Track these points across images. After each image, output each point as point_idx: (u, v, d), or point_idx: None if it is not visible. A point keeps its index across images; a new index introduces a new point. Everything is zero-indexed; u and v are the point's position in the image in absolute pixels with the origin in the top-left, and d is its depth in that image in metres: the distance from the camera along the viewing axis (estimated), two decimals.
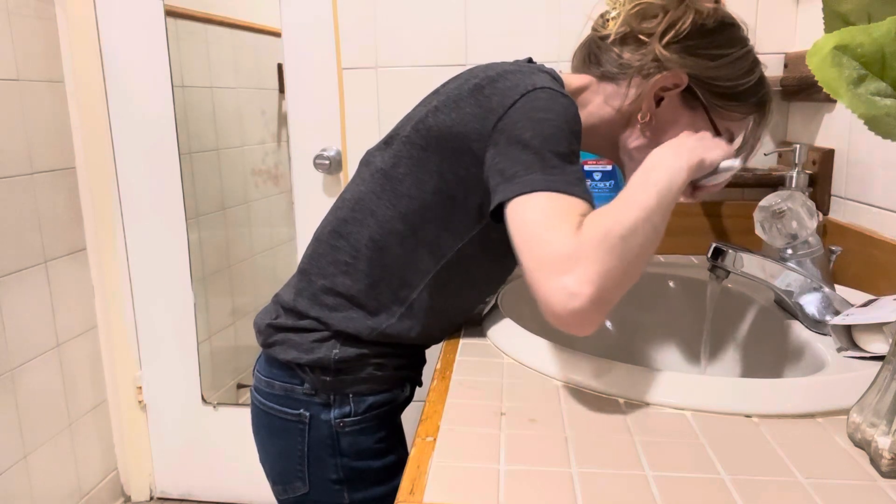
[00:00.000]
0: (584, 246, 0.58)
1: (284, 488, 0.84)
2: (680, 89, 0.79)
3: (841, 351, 0.71)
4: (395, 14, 1.39)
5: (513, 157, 0.66)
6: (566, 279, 0.57)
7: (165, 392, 1.84)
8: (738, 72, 0.79)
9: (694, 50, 0.77)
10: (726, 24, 0.79)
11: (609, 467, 0.52)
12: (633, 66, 0.79)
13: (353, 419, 0.80)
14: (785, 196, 0.85)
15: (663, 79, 0.78)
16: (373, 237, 0.77)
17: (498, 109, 0.69)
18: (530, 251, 0.60)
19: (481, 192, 0.71)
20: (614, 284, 0.58)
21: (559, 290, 0.57)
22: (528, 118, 0.67)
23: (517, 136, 0.67)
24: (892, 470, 0.50)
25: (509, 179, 0.65)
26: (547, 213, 0.61)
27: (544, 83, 0.70)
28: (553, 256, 0.58)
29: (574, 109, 0.70)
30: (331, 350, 0.78)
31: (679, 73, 0.77)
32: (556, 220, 0.60)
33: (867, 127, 0.47)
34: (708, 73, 0.78)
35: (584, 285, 0.56)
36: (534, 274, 0.59)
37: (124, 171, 1.72)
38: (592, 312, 0.57)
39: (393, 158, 0.77)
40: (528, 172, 0.64)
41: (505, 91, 0.70)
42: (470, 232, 0.76)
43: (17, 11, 1.48)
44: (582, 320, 0.57)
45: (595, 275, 0.57)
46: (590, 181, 1.27)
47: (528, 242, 0.61)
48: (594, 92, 0.83)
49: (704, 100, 0.79)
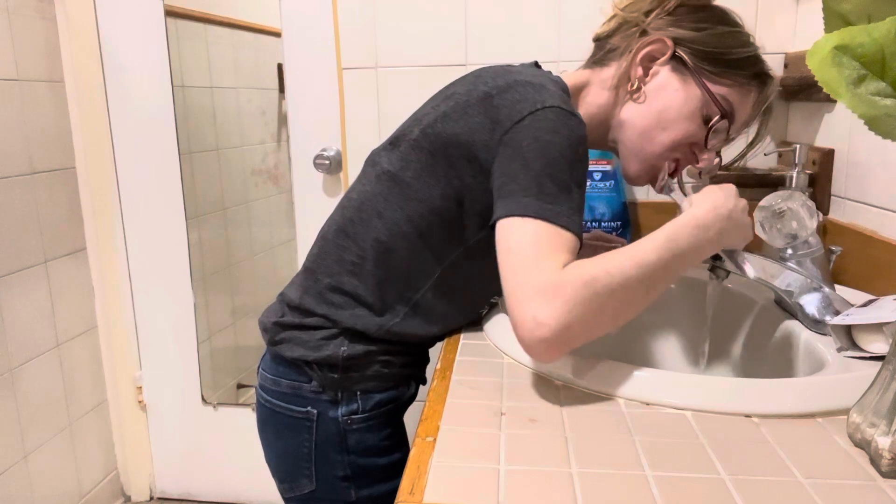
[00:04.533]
0: (565, 285, 0.59)
1: (291, 486, 0.84)
2: (666, 57, 0.79)
3: (841, 351, 0.71)
4: (395, 14, 1.39)
5: (513, 175, 0.67)
6: (538, 309, 0.59)
7: (165, 392, 1.83)
8: (726, 42, 0.79)
9: (679, 22, 0.79)
10: (713, 6, 0.81)
11: (609, 467, 0.52)
12: (622, 45, 0.81)
13: (361, 416, 0.80)
14: (785, 196, 0.85)
15: (646, 45, 0.79)
16: (379, 238, 0.77)
17: (505, 122, 0.69)
18: (513, 275, 0.62)
19: (487, 202, 0.72)
20: (582, 329, 0.60)
21: (529, 318, 0.59)
22: (534, 138, 0.67)
23: (521, 155, 0.67)
24: (892, 470, 0.50)
25: (505, 197, 0.67)
26: (535, 242, 0.63)
27: (554, 101, 0.69)
28: (532, 285, 0.60)
29: (581, 131, 0.70)
30: (339, 347, 0.78)
31: (662, 38, 0.78)
32: (544, 251, 0.62)
33: (867, 127, 0.47)
34: (694, 38, 0.79)
35: (551, 319, 0.58)
36: (510, 298, 0.62)
37: (124, 171, 1.72)
38: (553, 346, 0.59)
39: (401, 161, 0.77)
40: (525, 195, 0.65)
41: (514, 104, 0.70)
42: (475, 236, 0.77)
43: (17, 11, 1.48)
44: (542, 350, 0.60)
45: (566, 314, 0.59)
46: (590, 181, 1.27)
47: (511, 267, 0.63)
48: (591, 83, 0.84)
49: (692, 63, 0.79)
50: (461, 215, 0.76)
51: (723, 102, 0.79)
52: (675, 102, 0.79)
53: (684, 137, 0.81)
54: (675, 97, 0.79)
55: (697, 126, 0.80)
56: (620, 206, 1.27)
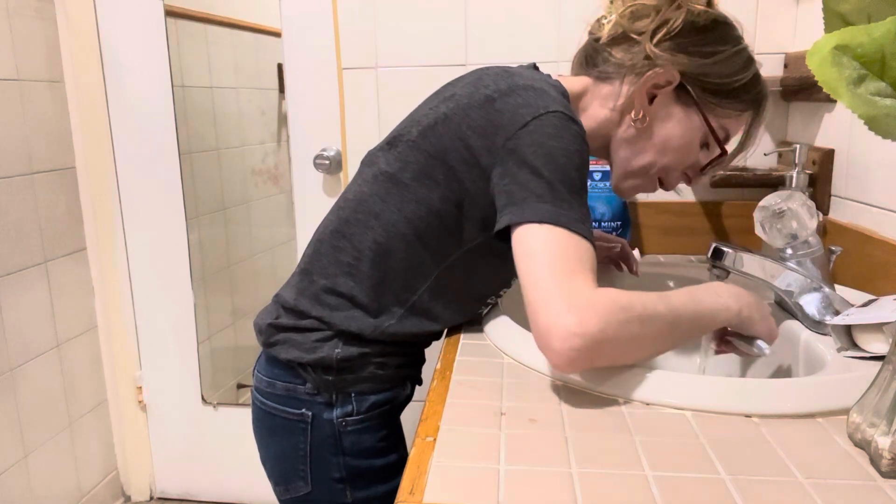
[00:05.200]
0: (603, 304, 0.60)
1: (286, 488, 0.84)
2: (672, 86, 0.79)
3: (841, 351, 0.71)
4: (395, 14, 1.39)
5: (522, 181, 0.67)
6: (572, 321, 0.59)
7: (165, 392, 1.83)
8: (732, 69, 0.79)
9: (685, 47, 0.78)
10: (719, 23, 0.79)
11: (609, 467, 0.52)
12: (626, 65, 0.79)
13: (356, 418, 0.80)
14: (785, 196, 0.85)
15: (655, 76, 0.78)
16: (377, 240, 0.77)
17: (508, 127, 0.69)
18: (541, 284, 0.62)
19: (486, 205, 0.72)
20: (611, 349, 0.61)
21: (562, 328, 0.59)
22: (540, 144, 0.68)
23: (528, 161, 0.67)
24: (892, 470, 0.50)
25: (518, 204, 0.66)
26: (556, 251, 0.63)
27: (556, 106, 0.70)
28: (566, 299, 0.60)
29: (583, 135, 0.70)
30: (333, 349, 0.78)
31: (670, 69, 0.77)
32: (570, 263, 0.63)
33: (867, 127, 0.47)
34: (700, 69, 0.78)
35: (586, 332, 0.59)
36: (537, 305, 0.61)
37: (124, 171, 1.72)
38: (582, 357, 0.60)
39: (399, 162, 0.77)
40: (539, 201, 0.65)
41: (516, 109, 0.70)
42: (474, 240, 0.77)
43: (17, 11, 1.48)
44: (571, 358, 0.60)
45: (600, 331, 0.59)
46: (589, 181, 1.27)
47: (536, 275, 0.63)
48: (592, 95, 0.83)
49: (697, 97, 0.79)
50: (460, 218, 0.76)
51: (721, 133, 0.82)
52: (677, 132, 0.81)
53: (681, 164, 0.84)
54: (678, 128, 0.81)
55: (695, 153, 0.83)
56: (620, 206, 1.27)
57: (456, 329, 0.85)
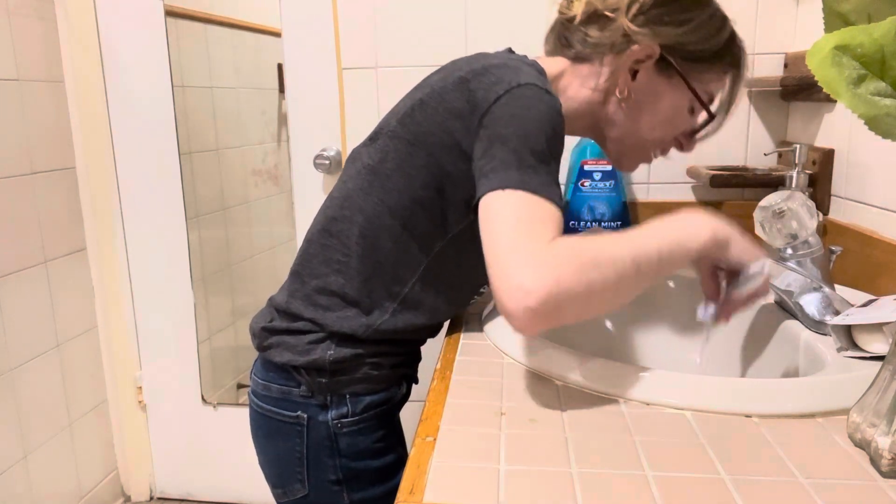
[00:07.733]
0: (554, 255, 0.58)
1: (284, 491, 0.84)
2: (653, 60, 0.78)
3: (841, 351, 0.71)
4: (394, 14, 1.39)
5: (493, 153, 0.66)
6: (524, 278, 0.56)
7: (165, 392, 1.84)
8: (708, 33, 0.79)
9: (660, 18, 0.77)
10: None
11: (609, 467, 0.52)
12: (604, 44, 0.78)
13: (351, 419, 0.80)
14: (785, 196, 0.85)
15: (634, 52, 0.77)
16: (363, 233, 0.77)
17: (482, 104, 0.69)
18: (497, 245, 0.60)
19: (469, 187, 0.71)
20: (570, 302, 0.57)
21: (514, 287, 0.57)
22: (511, 115, 0.67)
23: (500, 132, 0.67)
24: (892, 470, 0.50)
25: (487, 175, 0.65)
26: (519, 213, 0.61)
27: (529, 79, 0.69)
28: (519, 255, 0.58)
29: (558, 107, 0.69)
30: (325, 351, 0.78)
31: (649, 43, 0.77)
32: (529, 222, 0.61)
33: (867, 127, 0.47)
34: (678, 39, 0.78)
35: (539, 288, 0.56)
36: (494, 267, 0.59)
37: (124, 171, 1.72)
38: (539, 316, 0.56)
39: (379, 154, 0.77)
40: (505, 169, 0.64)
41: (490, 86, 0.70)
42: (459, 224, 0.76)
43: (17, 11, 1.48)
44: (527, 319, 0.57)
45: (554, 284, 0.56)
46: (590, 181, 1.27)
47: (495, 237, 0.61)
48: (570, 75, 0.82)
49: (679, 66, 0.79)
50: (443, 203, 0.75)
51: (707, 97, 0.82)
52: (665, 104, 0.81)
53: (673, 133, 0.84)
54: (664, 100, 0.80)
55: (684, 120, 0.83)
56: (620, 205, 1.27)
57: (456, 329, 0.85)
